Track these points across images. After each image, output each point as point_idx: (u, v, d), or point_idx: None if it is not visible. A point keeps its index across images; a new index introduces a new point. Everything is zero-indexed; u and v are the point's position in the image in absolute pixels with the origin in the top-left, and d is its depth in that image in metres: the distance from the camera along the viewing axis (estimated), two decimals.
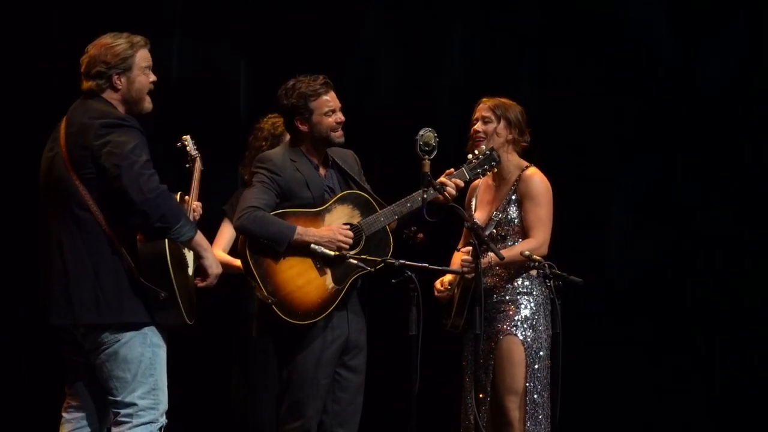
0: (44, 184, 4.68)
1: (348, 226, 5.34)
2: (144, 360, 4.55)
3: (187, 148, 5.32)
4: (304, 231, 5.27)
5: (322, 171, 5.47)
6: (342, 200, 5.41)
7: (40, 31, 7.01)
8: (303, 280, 5.26)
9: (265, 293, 5.18)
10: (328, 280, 5.29)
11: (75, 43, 6.83)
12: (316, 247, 5.22)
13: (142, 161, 4.47)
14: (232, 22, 7.24)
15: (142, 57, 4.69)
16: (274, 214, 5.28)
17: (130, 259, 4.52)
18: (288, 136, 5.65)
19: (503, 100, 5.69)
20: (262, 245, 5.23)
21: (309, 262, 5.28)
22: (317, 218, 5.34)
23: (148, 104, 4.74)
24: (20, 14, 7.00)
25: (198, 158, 5.28)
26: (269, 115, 5.99)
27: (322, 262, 5.28)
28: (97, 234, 4.52)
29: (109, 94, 4.66)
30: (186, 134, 5.35)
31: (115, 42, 4.66)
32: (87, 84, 4.67)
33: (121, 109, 4.66)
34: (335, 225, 5.32)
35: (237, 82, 7.31)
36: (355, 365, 5.40)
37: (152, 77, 4.73)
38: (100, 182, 4.51)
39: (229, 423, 6.12)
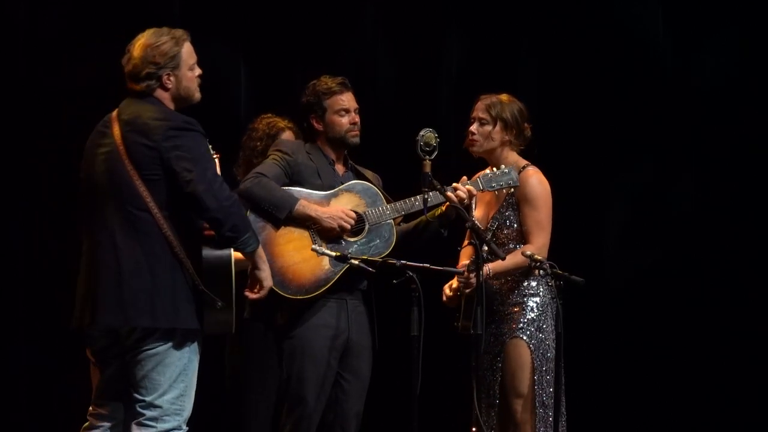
0: (94, 181, 4.55)
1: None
2: (179, 365, 4.49)
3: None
4: (306, 204, 5.29)
5: (339, 168, 5.51)
6: (350, 188, 5.43)
7: (36, 32, 6.98)
8: (299, 257, 5.27)
9: None
10: (324, 261, 5.29)
11: (70, 44, 6.89)
12: (317, 247, 5.21)
13: (213, 168, 4.48)
14: (231, 23, 7.22)
15: (188, 52, 4.64)
16: None
17: (190, 264, 4.45)
18: (282, 136, 5.67)
19: (501, 97, 5.61)
20: (263, 214, 5.23)
21: (307, 239, 5.28)
22: (323, 201, 5.36)
23: (198, 95, 4.69)
24: (17, 14, 6.97)
25: (218, 158, 5.09)
26: (263, 116, 5.97)
27: (320, 242, 5.28)
28: (155, 236, 4.43)
29: (159, 94, 4.59)
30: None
31: (159, 40, 4.59)
32: (137, 86, 4.58)
33: (172, 106, 4.61)
34: (340, 206, 5.34)
35: (237, 84, 7.29)
36: (357, 368, 5.41)
37: (198, 71, 4.68)
38: (165, 184, 4.44)
39: (224, 423, 6.12)
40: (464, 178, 5.43)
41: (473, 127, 5.60)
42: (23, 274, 6.92)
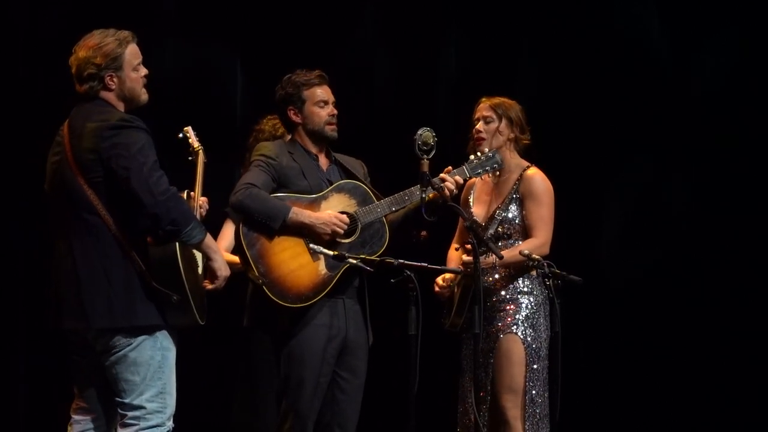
0: (50, 189, 4.62)
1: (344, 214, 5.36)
2: (153, 363, 4.51)
3: (190, 140, 5.16)
4: (299, 211, 5.28)
5: (323, 164, 5.50)
6: (339, 189, 5.42)
7: (34, 32, 6.99)
8: (296, 264, 5.27)
9: (257, 273, 5.19)
10: (321, 266, 5.29)
11: (70, 44, 6.89)
12: (315, 246, 5.22)
13: (150, 162, 4.44)
14: (228, 23, 7.22)
15: (132, 53, 4.62)
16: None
17: (141, 262, 4.46)
18: (288, 138, 5.66)
19: (503, 99, 5.69)
20: (256, 225, 5.23)
21: (302, 246, 5.28)
22: (313, 204, 5.34)
23: (144, 96, 4.68)
24: (15, 14, 6.98)
25: (201, 150, 5.13)
26: (269, 117, 5.96)
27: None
28: (107, 238, 4.46)
29: (104, 95, 4.60)
30: (187, 126, 5.21)
31: (103, 41, 4.59)
32: (81, 88, 4.61)
33: (120, 106, 4.62)
34: (331, 211, 5.33)
35: (233, 83, 7.30)
36: (354, 366, 5.41)
37: (143, 71, 4.66)
38: (109, 186, 4.46)
39: (226, 423, 6.12)
40: (449, 168, 5.45)
41: (479, 126, 5.64)
42: (23, 275, 6.93)
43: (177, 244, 4.49)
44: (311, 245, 5.24)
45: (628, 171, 7.25)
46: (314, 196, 5.36)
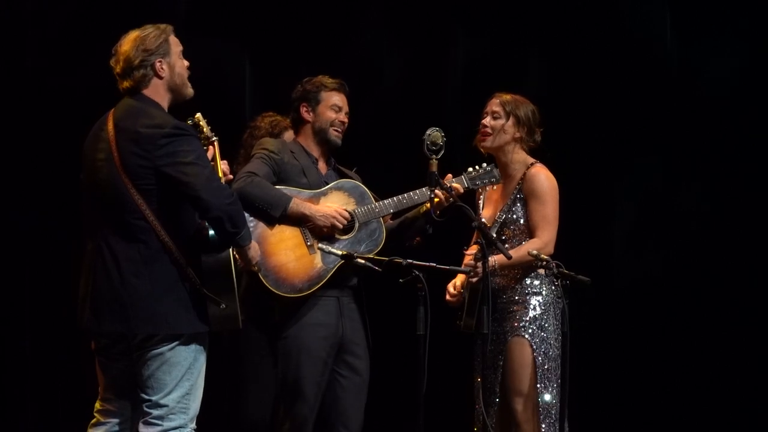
0: (91, 187, 4.58)
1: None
2: (185, 364, 4.52)
3: (204, 129, 4.99)
4: (300, 202, 5.33)
5: (322, 167, 5.54)
6: (338, 187, 5.47)
7: (42, 31, 6.99)
8: (292, 255, 5.30)
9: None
10: (317, 260, 5.33)
11: (76, 42, 6.90)
12: (323, 246, 5.22)
13: (209, 169, 4.49)
14: (236, 21, 7.22)
15: (174, 42, 4.65)
16: None
17: (192, 270, 4.48)
18: (285, 135, 5.68)
19: (516, 96, 5.66)
20: (255, 214, 5.25)
21: (300, 238, 5.32)
22: (313, 199, 5.40)
23: (190, 89, 4.69)
24: (22, 14, 6.98)
25: (216, 141, 5.00)
26: (265, 114, 5.99)
27: (312, 240, 5.30)
28: (154, 243, 4.46)
29: (154, 86, 4.59)
30: (197, 113, 5.05)
31: (145, 32, 4.60)
32: (128, 82, 4.58)
33: (166, 99, 4.61)
34: (332, 204, 5.37)
35: (242, 82, 7.30)
36: (356, 365, 5.43)
37: (186, 62, 4.68)
38: (160, 194, 4.46)
39: (223, 422, 6.10)
40: (449, 175, 5.48)
41: (486, 120, 5.63)
42: (27, 272, 6.93)
43: (231, 251, 4.52)
44: (320, 245, 5.26)
45: (637, 172, 7.23)
46: (314, 192, 5.41)
